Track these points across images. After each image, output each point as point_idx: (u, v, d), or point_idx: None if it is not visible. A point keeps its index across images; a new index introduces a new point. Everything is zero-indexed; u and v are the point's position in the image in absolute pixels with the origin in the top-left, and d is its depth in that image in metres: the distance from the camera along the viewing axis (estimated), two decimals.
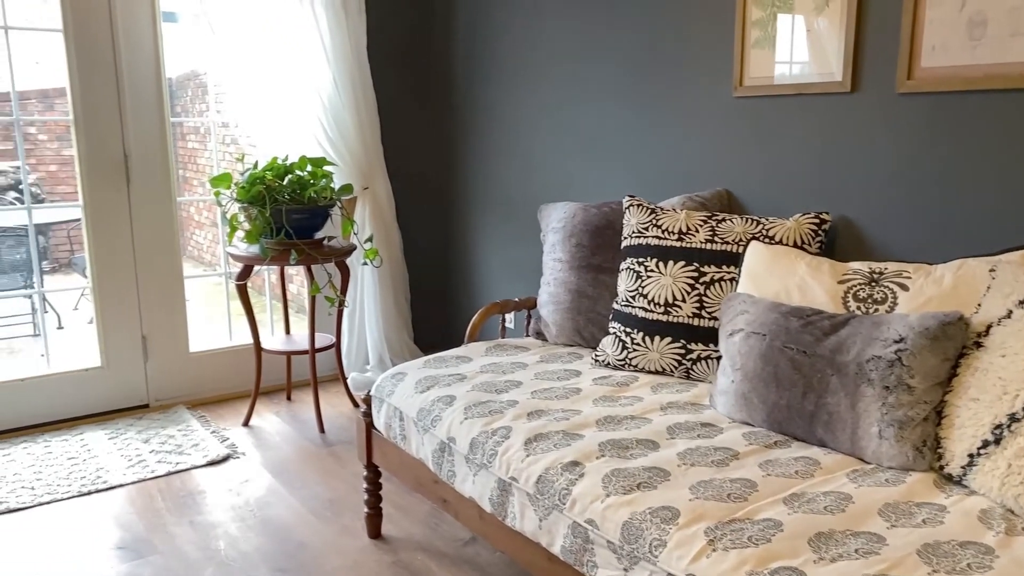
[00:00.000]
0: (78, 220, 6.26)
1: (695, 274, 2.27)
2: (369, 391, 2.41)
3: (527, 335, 2.77)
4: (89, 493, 2.78)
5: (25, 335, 5.25)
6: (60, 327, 5.60)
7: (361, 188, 3.69)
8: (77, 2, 3.14)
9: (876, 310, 1.91)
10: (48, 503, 2.71)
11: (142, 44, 3.29)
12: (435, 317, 4.18)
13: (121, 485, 2.84)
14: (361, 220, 3.72)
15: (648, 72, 2.84)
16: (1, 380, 3.23)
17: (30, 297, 4.97)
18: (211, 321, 5.73)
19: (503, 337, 2.76)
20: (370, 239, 3.57)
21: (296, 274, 5.40)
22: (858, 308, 1.93)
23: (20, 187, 7.43)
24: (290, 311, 3.73)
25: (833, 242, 2.33)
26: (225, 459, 3.06)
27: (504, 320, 2.82)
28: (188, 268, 3.41)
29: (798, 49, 2.36)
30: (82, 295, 6.11)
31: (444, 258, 4.12)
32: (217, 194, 3.23)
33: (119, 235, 3.38)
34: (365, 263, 3.57)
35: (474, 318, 2.67)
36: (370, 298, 3.80)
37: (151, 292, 3.48)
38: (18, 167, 7.61)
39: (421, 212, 4.07)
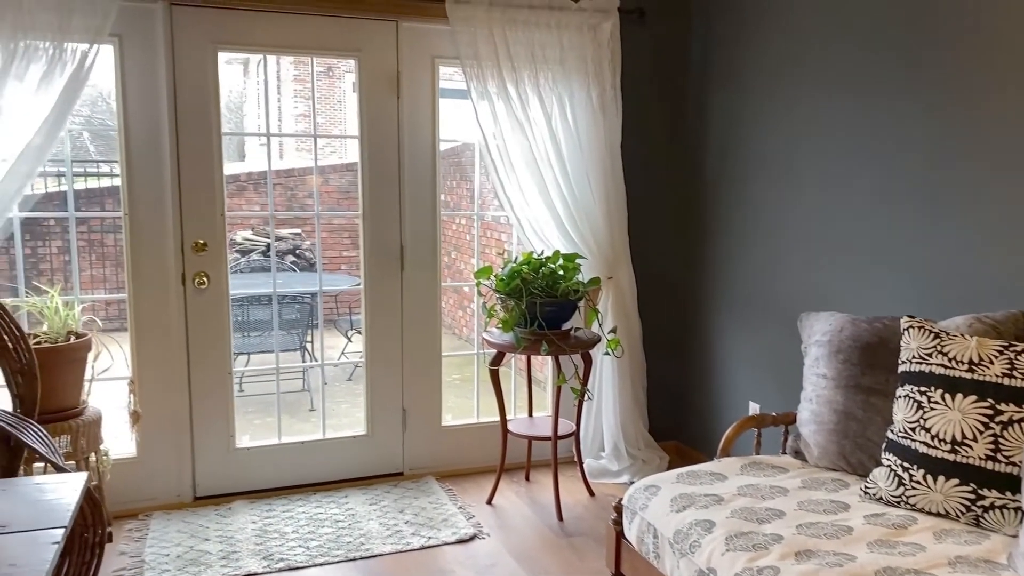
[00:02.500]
0: (343, 288, 6.97)
1: (989, 411, 2.06)
2: (620, 499, 2.43)
3: (783, 452, 2.66)
4: (354, 559, 3.04)
5: (295, 390, 5.90)
6: (324, 382, 6.22)
7: (605, 277, 3.78)
8: (372, 112, 3.56)
9: None
10: (321, 564, 3.00)
11: (421, 156, 3.66)
12: (671, 408, 4.14)
13: (381, 555, 3.07)
14: (603, 309, 3.81)
15: (928, 176, 2.67)
16: (287, 442, 3.67)
17: (302, 356, 5.63)
18: (449, 388, 6.09)
19: (758, 452, 2.67)
20: (614, 330, 3.64)
21: None
22: None
23: (297, 252, 8.46)
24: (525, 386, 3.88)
25: None
26: (472, 538, 3.21)
27: (760, 435, 2.72)
28: (443, 339, 3.68)
29: None
30: (342, 354, 6.75)
31: (683, 350, 4.09)
32: (478, 284, 3.47)
33: (391, 316, 3.72)
34: (607, 353, 3.64)
35: (728, 432, 2.61)
36: (608, 386, 3.85)
37: (413, 368, 3.79)
38: (296, 233, 8.68)
39: (662, 303, 4.08)
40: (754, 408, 3.60)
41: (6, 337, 2.51)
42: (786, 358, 3.35)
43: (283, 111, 14.08)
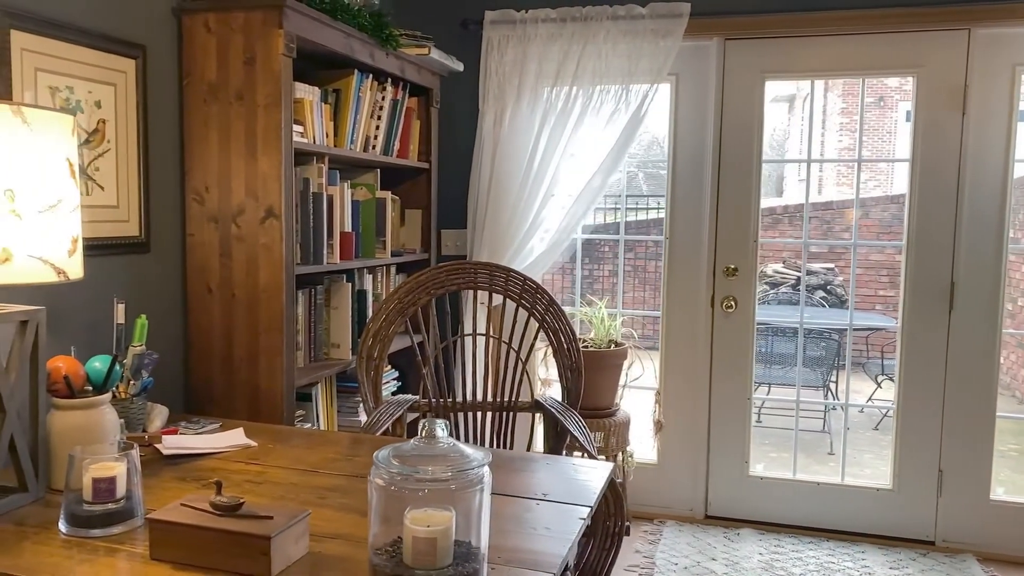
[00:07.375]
0: (875, 326, 6.44)
1: None
2: None
3: None
4: None
5: (815, 429, 5.63)
6: (846, 427, 5.81)
7: None
8: (928, 133, 3.20)
9: None
10: None
11: (988, 181, 3.15)
12: None
13: None
14: None
15: None
16: (802, 479, 3.51)
17: (826, 395, 5.36)
18: (1003, 458, 5.11)
19: None
20: None
21: None
22: None
23: (828, 288, 8.12)
24: None
25: None
26: None
27: None
28: (999, 401, 3.10)
29: None
30: (869, 399, 6.23)
31: None
32: None
33: (932, 361, 3.28)
34: None
35: None
36: None
37: (956, 425, 3.27)
38: (829, 268, 8.34)
39: None
40: None
41: (562, 337, 2.92)
42: None
43: (826, 145, 13.72)
